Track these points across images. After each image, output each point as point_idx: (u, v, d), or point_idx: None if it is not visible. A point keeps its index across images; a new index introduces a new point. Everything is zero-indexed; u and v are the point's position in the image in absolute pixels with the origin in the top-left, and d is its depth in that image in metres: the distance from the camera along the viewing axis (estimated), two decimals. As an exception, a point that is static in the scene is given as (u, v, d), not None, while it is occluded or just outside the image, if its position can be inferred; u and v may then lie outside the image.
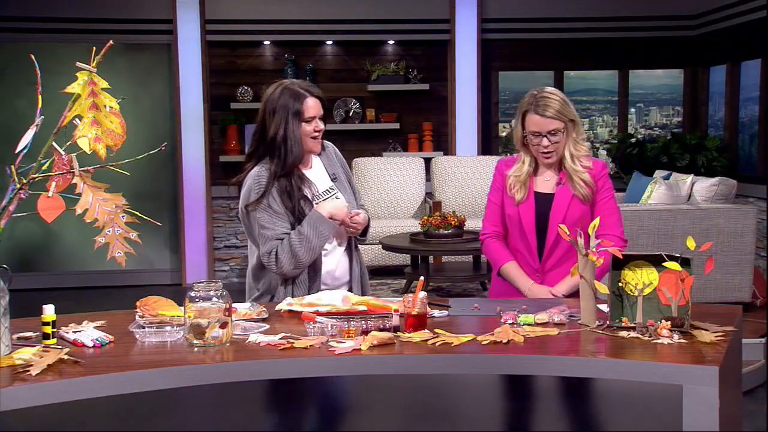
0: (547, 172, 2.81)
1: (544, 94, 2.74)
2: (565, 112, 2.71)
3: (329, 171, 2.86)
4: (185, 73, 6.98)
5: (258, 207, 2.70)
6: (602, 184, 2.78)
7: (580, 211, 2.74)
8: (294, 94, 2.71)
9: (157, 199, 7.18)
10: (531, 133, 2.72)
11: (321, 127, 2.76)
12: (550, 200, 2.76)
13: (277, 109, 2.71)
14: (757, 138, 6.74)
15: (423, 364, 2.03)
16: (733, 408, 2.14)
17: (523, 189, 2.77)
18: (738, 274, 4.96)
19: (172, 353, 2.04)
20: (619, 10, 7.36)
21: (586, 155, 2.77)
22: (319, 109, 2.75)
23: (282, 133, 2.69)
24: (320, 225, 2.67)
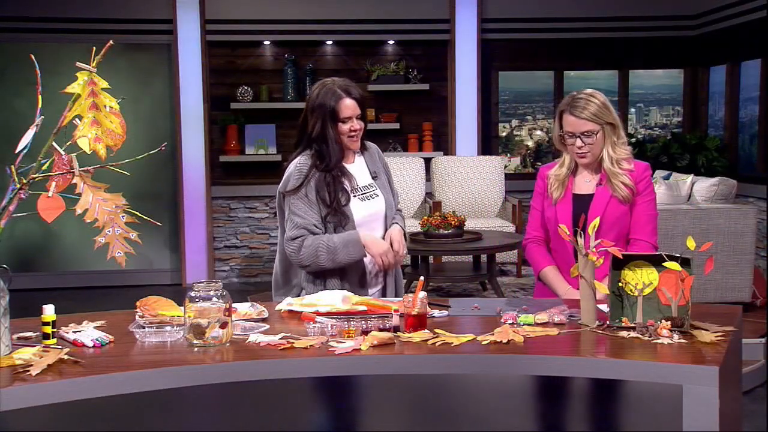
0: (586, 174, 2.79)
1: (582, 95, 2.72)
2: (601, 114, 2.69)
3: (371, 169, 2.89)
4: (185, 73, 6.98)
5: (295, 195, 2.73)
6: (643, 188, 2.74)
7: (619, 211, 2.71)
8: (332, 93, 2.75)
9: (157, 199, 7.17)
10: (566, 134, 2.72)
11: (357, 127, 2.77)
12: (588, 201, 2.74)
13: (315, 108, 2.76)
14: (757, 138, 6.74)
15: (423, 364, 2.03)
16: (733, 408, 2.14)
17: (560, 188, 2.77)
18: (738, 274, 4.96)
19: (172, 353, 2.04)
20: (619, 10, 7.36)
21: (626, 158, 2.73)
22: (356, 109, 2.77)
23: (319, 131, 2.75)
24: (352, 247, 2.70)
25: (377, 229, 2.83)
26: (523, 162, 7.68)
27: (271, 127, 7.32)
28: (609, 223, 2.67)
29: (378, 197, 2.85)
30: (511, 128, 7.78)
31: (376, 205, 2.84)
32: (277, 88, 7.29)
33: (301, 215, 2.72)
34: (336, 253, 2.68)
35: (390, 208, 2.87)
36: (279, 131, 7.34)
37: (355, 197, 2.79)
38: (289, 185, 2.76)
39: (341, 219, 2.74)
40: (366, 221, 2.80)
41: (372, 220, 2.83)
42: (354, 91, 2.79)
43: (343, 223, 2.74)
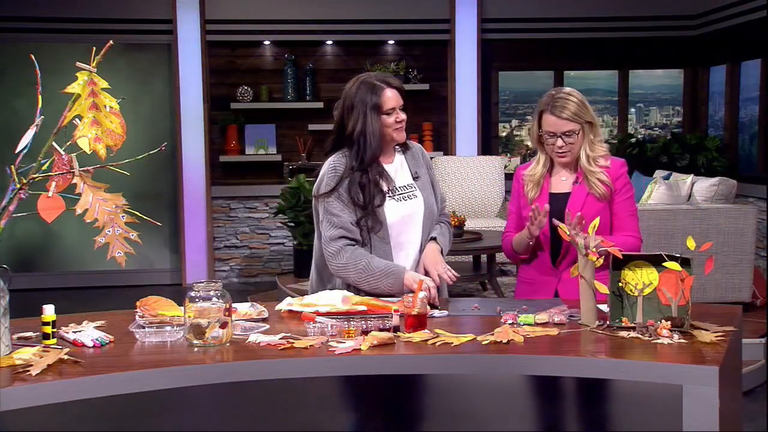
0: (563, 172, 2.78)
1: (561, 95, 2.70)
2: (581, 113, 2.68)
3: (412, 169, 2.79)
4: (185, 73, 6.98)
5: (329, 196, 2.65)
6: (621, 184, 2.73)
7: (596, 208, 2.69)
8: (371, 87, 2.66)
9: (158, 199, 7.18)
10: (546, 133, 2.71)
11: (402, 117, 2.69)
12: (565, 199, 2.72)
13: (355, 104, 2.66)
14: (757, 138, 6.74)
15: (423, 364, 2.03)
16: (733, 408, 2.14)
17: (536, 188, 2.76)
18: (738, 274, 4.96)
19: (172, 353, 2.04)
20: (619, 10, 7.36)
21: (603, 155, 2.73)
22: (399, 100, 2.68)
23: (360, 128, 2.64)
24: (391, 279, 2.58)
25: (413, 231, 2.72)
26: (523, 162, 7.68)
27: (271, 127, 7.32)
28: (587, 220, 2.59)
29: (416, 198, 2.73)
30: (511, 128, 7.78)
31: (412, 206, 2.72)
32: (277, 88, 7.29)
33: (337, 214, 2.63)
34: (371, 278, 2.58)
35: (429, 210, 2.75)
36: (279, 131, 7.35)
37: (391, 198, 2.68)
38: (322, 187, 2.67)
39: (374, 224, 2.64)
40: (400, 223, 2.69)
41: (407, 222, 2.71)
42: (394, 81, 2.70)
43: (375, 228, 2.65)
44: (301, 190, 6.44)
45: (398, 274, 2.58)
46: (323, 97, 7.32)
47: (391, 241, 2.67)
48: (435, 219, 2.79)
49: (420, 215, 2.73)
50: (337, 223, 2.63)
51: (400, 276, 2.58)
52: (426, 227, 2.74)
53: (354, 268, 2.59)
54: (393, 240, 2.68)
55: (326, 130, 7.36)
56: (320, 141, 7.38)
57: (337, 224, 2.63)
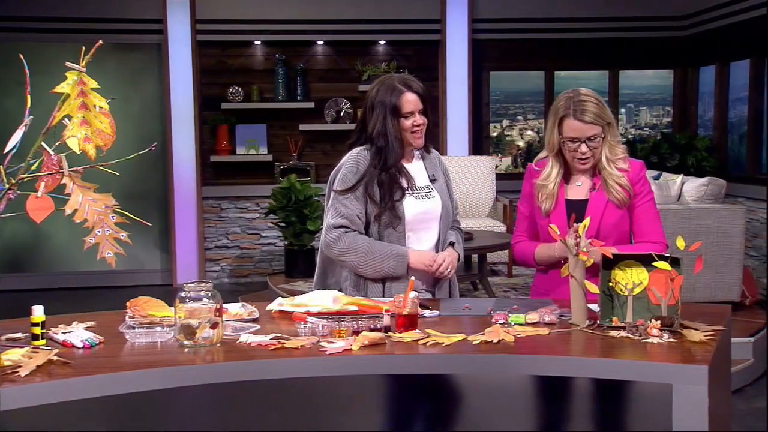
0: (579, 178, 2.65)
1: (581, 97, 2.56)
2: (603, 115, 2.56)
3: (429, 172, 2.79)
4: (175, 73, 6.97)
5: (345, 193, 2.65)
6: (640, 188, 2.61)
7: (616, 216, 2.59)
8: (391, 89, 2.66)
9: (148, 199, 7.15)
10: (569, 139, 2.56)
11: (420, 122, 2.69)
12: (583, 207, 2.59)
13: (375, 105, 2.67)
14: (746, 138, 6.78)
15: (414, 364, 2.03)
16: (723, 407, 2.15)
17: (550, 199, 2.63)
18: (727, 274, 4.98)
19: (163, 354, 2.03)
20: (609, 10, 7.39)
21: (622, 158, 2.60)
22: (418, 104, 2.68)
23: (380, 128, 2.66)
24: (393, 261, 2.60)
25: (431, 229, 2.72)
26: (514, 162, 7.70)
27: (261, 127, 7.31)
28: (607, 229, 2.57)
29: (434, 198, 2.73)
30: (502, 128, 7.79)
31: (431, 204, 2.72)
32: (268, 88, 7.28)
33: (346, 205, 2.63)
34: (374, 260, 2.59)
35: (446, 212, 2.74)
36: (270, 131, 7.34)
37: (410, 195, 2.69)
38: (338, 180, 2.67)
39: (393, 219, 2.64)
40: (419, 219, 2.69)
41: (426, 219, 2.71)
42: (415, 85, 2.69)
43: (394, 224, 2.64)
44: (292, 191, 6.44)
45: (401, 256, 2.61)
46: (314, 97, 7.31)
47: (409, 236, 2.69)
48: (450, 222, 2.78)
49: (437, 214, 2.73)
50: (343, 213, 2.64)
51: (404, 258, 2.60)
52: (443, 227, 2.75)
53: (356, 252, 2.61)
54: (410, 236, 2.69)
55: (317, 130, 7.39)
56: (311, 141, 7.38)
57: (342, 214, 2.64)
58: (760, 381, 4.43)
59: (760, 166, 6.61)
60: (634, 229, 2.65)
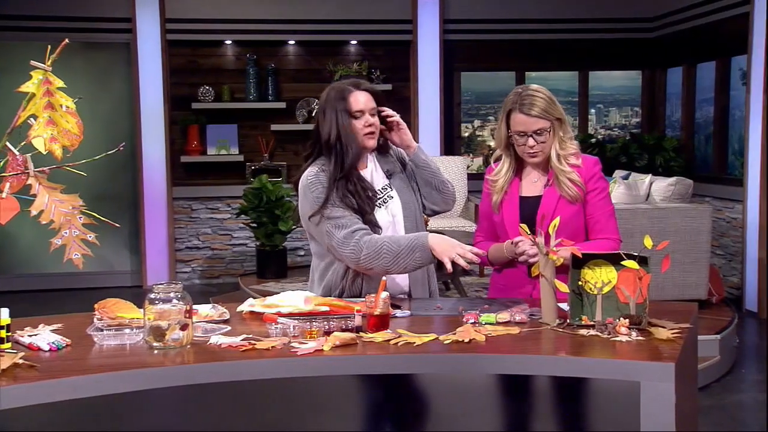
0: (533, 174, 2.67)
1: (529, 92, 2.59)
2: (551, 110, 2.58)
3: (384, 168, 2.71)
4: (145, 72, 6.90)
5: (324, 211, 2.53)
6: (594, 184, 2.61)
7: (569, 212, 2.59)
8: (340, 91, 2.61)
9: (117, 200, 7.08)
10: (516, 133, 2.58)
11: (372, 122, 2.60)
12: (536, 203, 2.62)
13: (326, 109, 2.60)
14: (712, 138, 6.88)
15: (385, 364, 2.03)
16: (689, 403, 2.18)
17: (499, 193, 2.65)
18: (694, 272, 5.05)
19: (132, 356, 2.01)
20: (579, 12, 7.46)
21: (574, 153, 2.61)
22: (369, 102, 2.60)
23: (335, 132, 2.56)
24: (419, 252, 2.47)
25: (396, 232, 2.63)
26: (486, 162, 7.74)
27: (233, 128, 7.27)
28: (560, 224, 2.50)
29: (392, 199, 2.66)
30: (474, 128, 7.83)
31: (392, 210, 2.65)
32: (239, 88, 7.24)
33: (341, 215, 2.52)
34: (399, 257, 2.46)
35: (409, 208, 2.68)
36: (241, 131, 7.30)
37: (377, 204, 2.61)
38: (310, 204, 2.55)
39: (373, 228, 2.55)
40: (386, 227, 2.61)
41: (393, 222, 2.64)
42: (364, 85, 2.63)
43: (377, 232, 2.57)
44: (263, 191, 6.40)
45: (422, 243, 2.47)
46: (285, 97, 7.29)
47: None
48: (417, 217, 2.71)
49: (400, 217, 2.66)
50: (345, 224, 2.51)
51: (424, 244, 2.47)
52: (409, 219, 2.68)
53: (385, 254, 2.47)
54: None
55: (289, 130, 7.36)
56: (283, 141, 7.35)
57: (345, 225, 2.51)
58: (726, 377, 4.50)
59: (726, 166, 6.71)
60: (588, 225, 2.65)
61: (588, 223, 2.65)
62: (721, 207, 6.46)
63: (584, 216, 2.63)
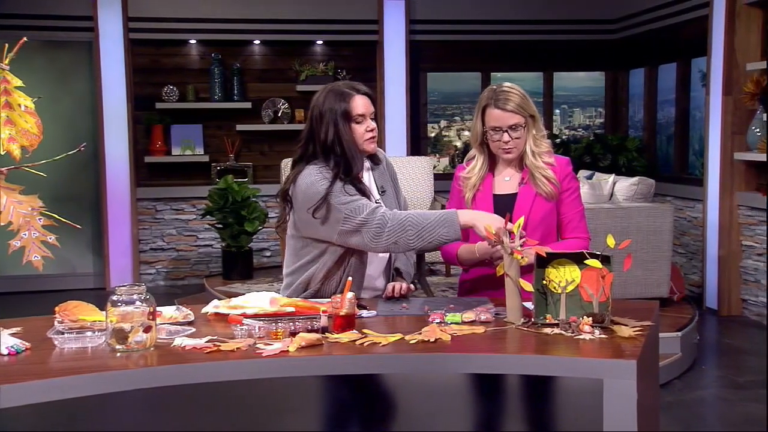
0: (506, 171, 2.68)
1: (503, 88, 2.62)
2: (525, 106, 2.61)
3: (378, 184, 2.69)
4: (107, 71, 6.79)
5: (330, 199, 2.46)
6: (568, 184, 2.66)
7: (544, 210, 2.62)
8: (339, 94, 2.55)
9: (80, 201, 6.97)
10: (491, 129, 2.60)
11: (373, 126, 2.57)
12: (511, 201, 2.63)
13: (324, 112, 2.54)
14: (673, 139, 7.00)
15: (351, 365, 2.03)
16: (651, 399, 2.21)
17: (471, 191, 2.66)
18: (656, 271, 5.13)
19: (93, 359, 1.98)
20: (543, 14, 7.53)
21: (547, 151, 2.65)
22: (369, 106, 2.57)
23: (332, 137, 2.52)
24: (446, 228, 2.41)
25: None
26: (452, 162, 7.77)
27: (198, 128, 7.21)
28: (535, 223, 2.61)
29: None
30: (440, 129, 7.86)
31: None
32: (204, 88, 7.18)
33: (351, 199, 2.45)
34: (426, 230, 2.40)
35: None
36: (206, 132, 7.24)
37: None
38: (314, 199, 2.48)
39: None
40: None
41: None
42: (362, 88, 2.59)
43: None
44: (229, 191, 6.36)
45: (451, 218, 2.42)
46: (251, 97, 7.24)
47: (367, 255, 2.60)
48: None
49: None
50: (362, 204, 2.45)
51: (454, 219, 2.42)
52: None
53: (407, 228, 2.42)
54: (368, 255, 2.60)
55: (255, 130, 7.31)
56: (248, 141, 7.31)
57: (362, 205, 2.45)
58: (687, 374, 4.58)
59: (687, 165, 6.83)
60: (561, 225, 2.69)
61: (561, 222, 2.68)
62: (682, 206, 6.57)
63: (557, 215, 2.67)
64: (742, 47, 5.67)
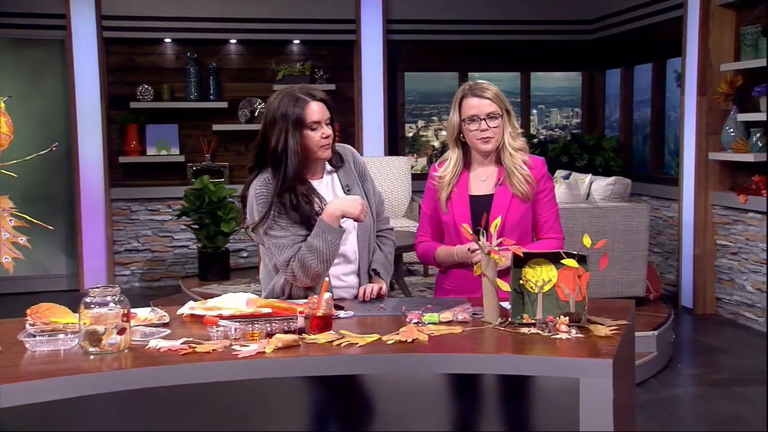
0: (483, 170, 2.69)
1: (479, 81, 2.67)
2: (501, 98, 2.64)
3: (343, 183, 2.66)
4: (81, 70, 6.71)
5: (263, 225, 2.52)
6: (544, 184, 2.67)
7: (521, 211, 2.63)
8: (294, 99, 2.51)
9: (52, 201, 6.88)
10: (469, 118, 2.60)
11: (328, 133, 2.54)
12: (488, 203, 2.62)
13: (277, 118, 2.50)
14: (649, 139, 7.06)
15: (328, 366, 2.02)
16: (627, 398, 2.23)
17: (446, 189, 2.66)
18: (633, 270, 5.16)
19: (66, 362, 1.96)
20: (520, 14, 7.56)
21: (523, 149, 2.66)
22: (325, 113, 2.53)
23: (282, 144, 2.49)
24: (328, 234, 2.48)
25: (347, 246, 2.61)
26: (430, 162, 7.78)
27: (173, 127, 7.15)
28: (512, 224, 2.61)
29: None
30: (417, 129, 7.86)
31: (348, 225, 2.60)
32: (180, 87, 7.12)
33: (282, 235, 2.51)
34: (320, 251, 2.47)
35: (363, 227, 2.63)
36: (182, 131, 7.18)
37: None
38: (254, 217, 2.53)
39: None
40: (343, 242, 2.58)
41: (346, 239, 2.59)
42: (318, 93, 2.55)
43: None
44: (205, 192, 6.31)
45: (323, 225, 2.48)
46: (227, 96, 7.20)
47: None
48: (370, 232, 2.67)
49: (353, 232, 2.63)
50: (285, 243, 2.51)
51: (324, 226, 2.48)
52: (363, 240, 2.65)
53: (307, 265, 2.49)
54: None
55: (231, 130, 7.27)
56: (225, 141, 7.26)
57: (285, 245, 2.51)
58: (663, 373, 4.61)
59: (663, 165, 6.89)
60: (537, 225, 2.70)
61: (537, 222, 2.69)
62: (658, 206, 6.63)
63: (533, 215, 2.67)
64: (716, 48, 5.73)
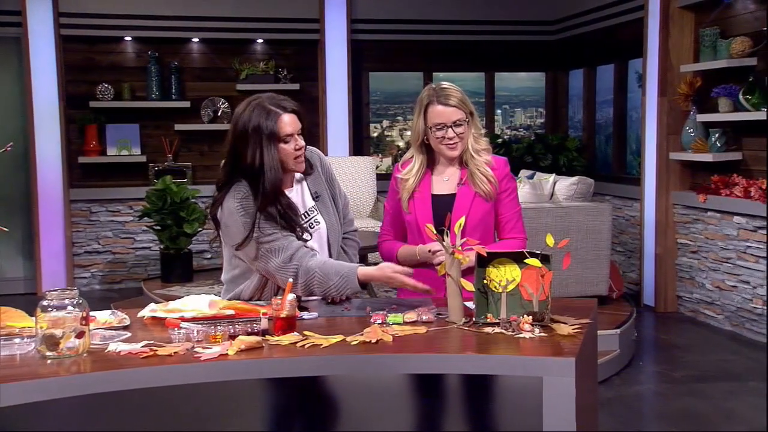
0: (446, 171, 2.70)
1: (443, 86, 2.64)
2: (466, 102, 2.64)
3: (312, 190, 2.64)
4: (37, 69, 6.57)
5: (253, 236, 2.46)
6: (507, 184, 2.69)
7: (483, 210, 2.65)
8: (266, 112, 2.45)
9: (9, 202, 6.74)
10: (434, 126, 2.61)
11: (301, 145, 2.50)
12: (450, 202, 2.64)
13: (249, 132, 2.44)
14: (612, 139, 7.14)
15: (292, 367, 2.00)
16: (590, 396, 2.24)
17: (408, 192, 2.67)
18: (596, 269, 5.22)
19: (22, 367, 1.91)
20: (484, 14, 7.60)
21: (486, 149, 2.68)
22: (297, 124, 2.49)
23: (258, 160, 2.44)
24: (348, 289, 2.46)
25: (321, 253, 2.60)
26: (395, 162, 7.78)
27: (134, 127, 7.05)
28: (474, 222, 2.62)
29: (319, 223, 2.62)
30: (382, 129, 7.86)
31: (319, 234, 2.61)
32: (141, 87, 7.02)
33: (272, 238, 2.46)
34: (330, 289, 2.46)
35: (333, 232, 2.64)
36: (143, 131, 7.08)
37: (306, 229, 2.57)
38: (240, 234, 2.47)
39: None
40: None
41: (321, 247, 2.60)
42: (289, 105, 2.50)
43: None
44: (167, 192, 6.22)
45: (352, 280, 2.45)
46: (190, 96, 7.12)
47: None
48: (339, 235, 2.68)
49: (325, 241, 2.64)
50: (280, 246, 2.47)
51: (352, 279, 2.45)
52: (333, 245, 2.66)
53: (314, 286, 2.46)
54: None
55: (194, 130, 7.18)
56: (187, 141, 7.18)
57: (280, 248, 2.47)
58: (625, 370, 4.67)
59: (625, 165, 6.98)
60: (500, 225, 2.72)
61: (499, 222, 2.71)
62: (620, 205, 6.71)
63: (495, 215, 2.69)
64: (676, 49, 5.82)
